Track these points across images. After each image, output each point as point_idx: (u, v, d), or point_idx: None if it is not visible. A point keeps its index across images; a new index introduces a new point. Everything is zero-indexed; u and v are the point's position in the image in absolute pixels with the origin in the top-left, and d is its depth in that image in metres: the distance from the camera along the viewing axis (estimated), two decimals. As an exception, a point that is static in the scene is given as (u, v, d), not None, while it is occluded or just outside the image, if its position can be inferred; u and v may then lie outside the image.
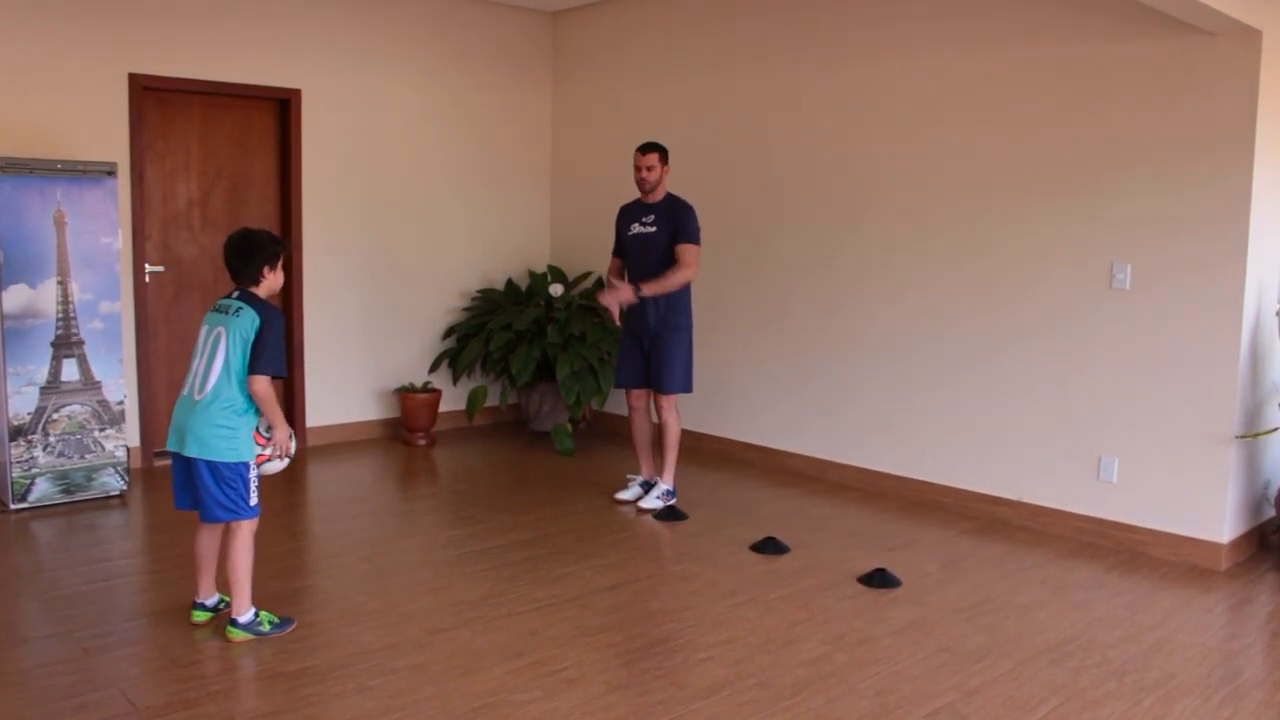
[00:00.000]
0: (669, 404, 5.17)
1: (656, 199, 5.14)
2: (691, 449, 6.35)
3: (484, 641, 3.54)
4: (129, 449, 5.40)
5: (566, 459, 6.31)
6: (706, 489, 5.62)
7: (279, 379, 3.51)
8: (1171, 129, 4.50)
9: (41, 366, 4.95)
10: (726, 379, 6.37)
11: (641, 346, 5.20)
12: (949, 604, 3.99)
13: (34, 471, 4.95)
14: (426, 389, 6.68)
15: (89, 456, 5.09)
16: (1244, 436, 4.50)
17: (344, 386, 6.66)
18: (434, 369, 7.01)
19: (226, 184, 6.17)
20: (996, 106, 5.07)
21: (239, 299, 3.47)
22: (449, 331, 7.04)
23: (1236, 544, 4.56)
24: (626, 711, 3.06)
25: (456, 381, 7.03)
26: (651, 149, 5.10)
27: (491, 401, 7.24)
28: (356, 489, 5.63)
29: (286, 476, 5.55)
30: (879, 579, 4.20)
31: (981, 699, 3.20)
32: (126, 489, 5.21)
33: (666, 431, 5.20)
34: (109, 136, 5.60)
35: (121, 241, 5.51)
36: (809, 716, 3.06)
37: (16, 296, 4.86)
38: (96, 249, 5.05)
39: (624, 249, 5.24)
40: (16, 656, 3.34)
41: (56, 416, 5.00)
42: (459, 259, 7.13)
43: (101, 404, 5.11)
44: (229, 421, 3.38)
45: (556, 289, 6.81)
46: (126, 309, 5.69)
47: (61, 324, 4.99)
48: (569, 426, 6.52)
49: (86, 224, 5.01)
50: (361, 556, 4.41)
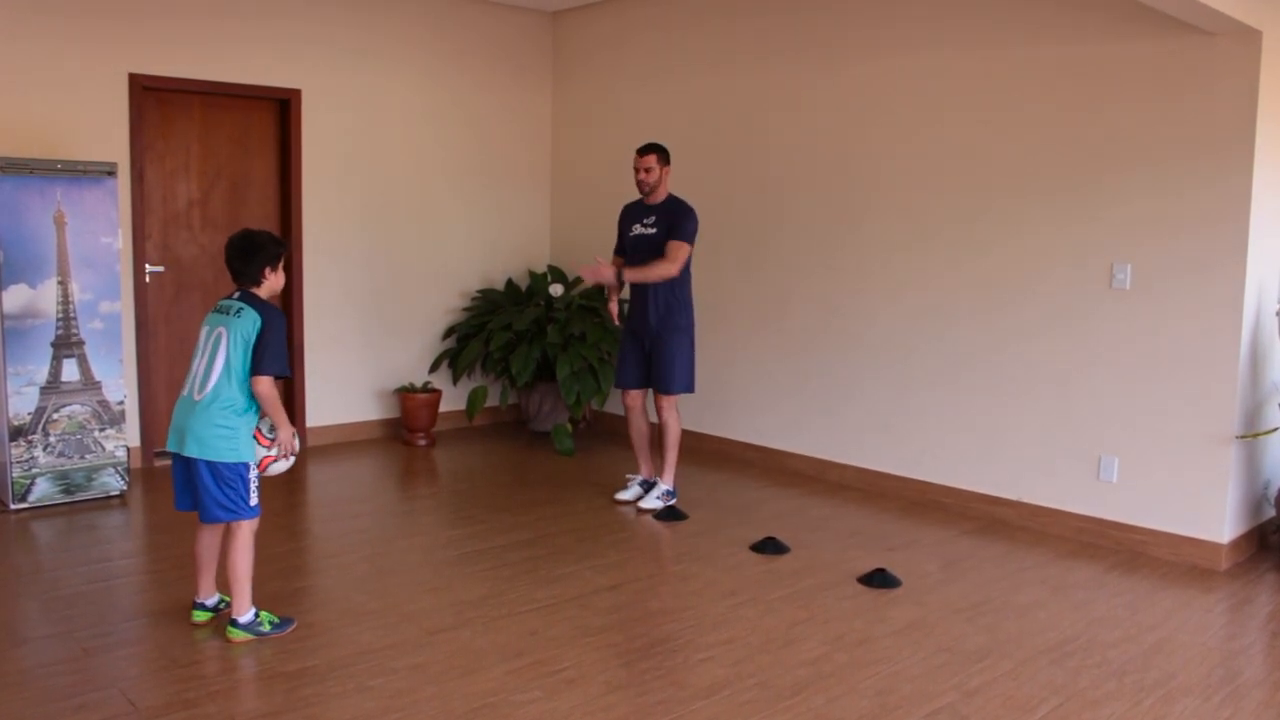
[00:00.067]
0: (669, 404, 5.16)
1: (658, 200, 5.13)
2: (691, 449, 6.35)
3: (484, 641, 3.54)
4: (129, 449, 5.40)
5: (566, 459, 6.31)
6: (706, 489, 5.62)
7: (282, 379, 3.51)
8: (1171, 129, 4.50)
9: (42, 366, 4.95)
10: (726, 379, 6.37)
11: (642, 346, 5.20)
12: (949, 604, 3.99)
13: (34, 471, 4.95)
14: (426, 389, 6.68)
15: (89, 456, 5.09)
16: (1244, 436, 4.50)
17: (344, 386, 6.67)
18: (434, 369, 7.01)
19: (226, 184, 6.17)
20: (996, 106, 5.07)
21: (240, 299, 3.47)
22: (449, 331, 7.05)
23: (1236, 544, 4.56)
24: (626, 711, 3.06)
25: (456, 381, 7.03)
26: (650, 150, 5.09)
27: (491, 401, 7.24)
28: (356, 489, 5.63)
29: (287, 476, 5.54)
30: (879, 579, 4.20)
31: (981, 699, 3.20)
32: (126, 489, 5.22)
33: (666, 432, 5.20)
34: (109, 136, 5.60)
35: (121, 241, 5.51)
36: (809, 716, 3.06)
37: (16, 296, 4.86)
38: (96, 249, 5.06)
39: (625, 249, 5.25)
40: (16, 656, 3.34)
41: (56, 416, 5.00)
42: (459, 259, 7.13)
43: (101, 404, 5.11)
44: (229, 421, 3.38)
45: (556, 289, 6.81)
46: (126, 309, 5.69)
47: (61, 324, 4.99)
48: (569, 426, 6.52)
49: (86, 224, 5.02)
50: (361, 556, 4.41)
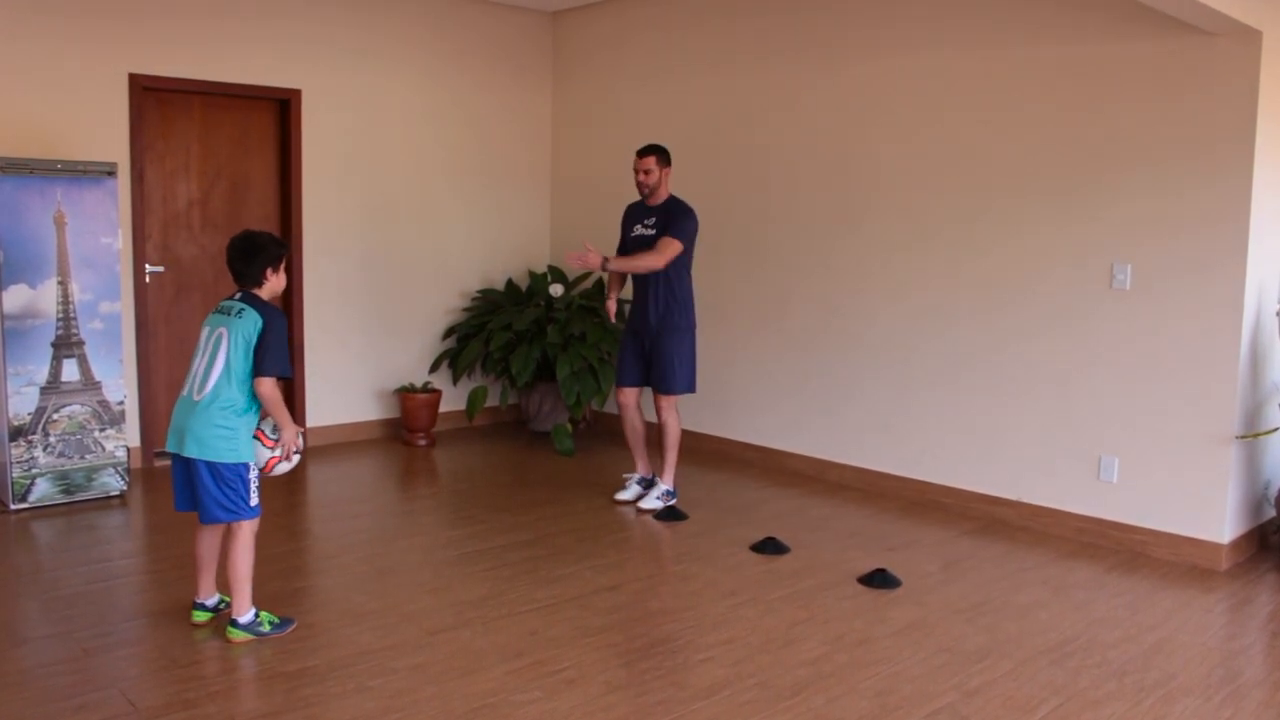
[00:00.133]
0: (669, 404, 5.16)
1: (659, 201, 5.13)
2: (691, 449, 6.35)
3: (484, 642, 3.54)
4: (129, 449, 5.40)
5: (566, 459, 6.31)
6: (706, 489, 5.62)
7: (284, 379, 3.51)
8: (1171, 129, 4.50)
9: (42, 367, 4.95)
10: (726, 379, 6.37)
11: (642, 345, 5.20)
12: (949, 604, 3.99)
13: (34, 472, 4.95)
14: (426, 389, 6.68)
15: (89, 457, 5.09)
16: (1244, 436, 4.50)
17: (344, 387, 6.67)
18: (434, 369, 7.01)
19: (226, 184, 6.17)
20: (996, 106, 5.07)
21: (241, 300, 3.47)
22: (449, 332, 7.05)
23: (1237, 544, 4.56)
24: (626, 711, 3.06)
25: (456, 382, 7.03)
26: (650, 152, 5.08)
27: (491, 402, 7.24)
28: (356, 489, 5.63)
29: (287, 476, 5.54)
30: (879, 579, 4.20)
31: (981, 699, 3.20)
32: (126, 489, 5.22)
33: (666, 432, 5.19)
34: (109, 136, 5.60)
35: (121, 241, 5.51)
36: (809, 716, 3.06)
37: (16, 297, 4.86)
38: (96, 249, 5.06)
39: (627, 249, 5.24)
40: (16, 656, 3.34)
41: (57, 417, 5.00)
42: (459, 259, 7.13)
43: (101, 404, 5.11)
44: (228, 422, 3.38)
45: (556, 289, 6.81)
46: (126, 309, 5.69)
47: (61, 324, 4.99)
48: (569, 427, 6.52)
49: (86, 224, 5.02)
50: (361, 557, 4.41)
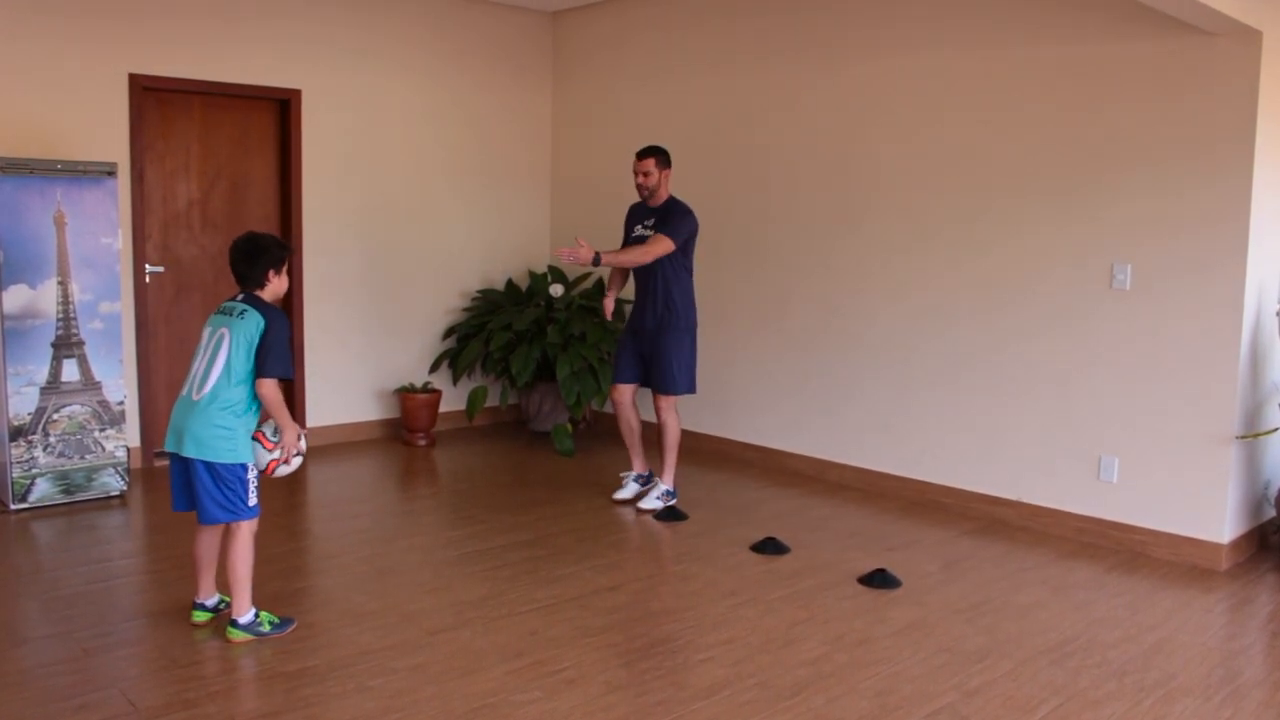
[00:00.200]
0: (668, 404, 5.16)
1: (659, 203, 5.13)
2: (691, 449, 6.35)
3: (484, 642, 3.54)
4: (129, 449, 5.40)
5: (566, 459, 6.31)
6: (706, 489, 5.62)
7: (285, 381, 3.52)
8: (1171, 129, 4.50)
9: (42, 367, 4.95)
10: (726, 379, 6.37)
11: (641, 345, 5.20)
12: (949, 604, 3.99)
13: (34, 472, 4.95)
14: (426, 389, 6.68)
15: (89, 457, 5.09)
16: (1244, 437, 4.50)
17: (344, 387, 6.67)
18: (434, 369, 7.01)
19: (226, 184, 6.17)
20: (996, 106, 5.07)
21: (243, 301, 3.48)
22: (449, 332, 7.05)
23: (1237, 544, 4.56)
24: (626, 711, 3.06)
25: (456, 382, 7.03)
26: (649, 154, 5.07)
27: (491, 402, 7.24)
28: (356, 489, 5.63)
29: (287, 476, 5.52)
30: (879, 579, 4.20)
31: (981, 699, 3.20)
32: (126, 489, 5.22)
33: (666, 432, 5.19)
34: (109, 136, 5.60)
35: (121, 242, 5.51)
36: (809, 716, 3.06)
37: (16, 297, 4.86)
38: (96, 249, 5.06)
39: (627, 249, 5.26)
40: (16, 656, 3.34)
41: (57, 417, 5.00)
42: (459, 259, 7.13)
43: (102, 404, 5.11)
44: (227, 422, 3.38)
45: (557, 289, 6.81)
46: (126, 309, 5.69)
47: (61, 324, 4.99)
48: (569, 427, 6.52)
49: (86, 224, 5.02)
50: (362, 557, 4.41)
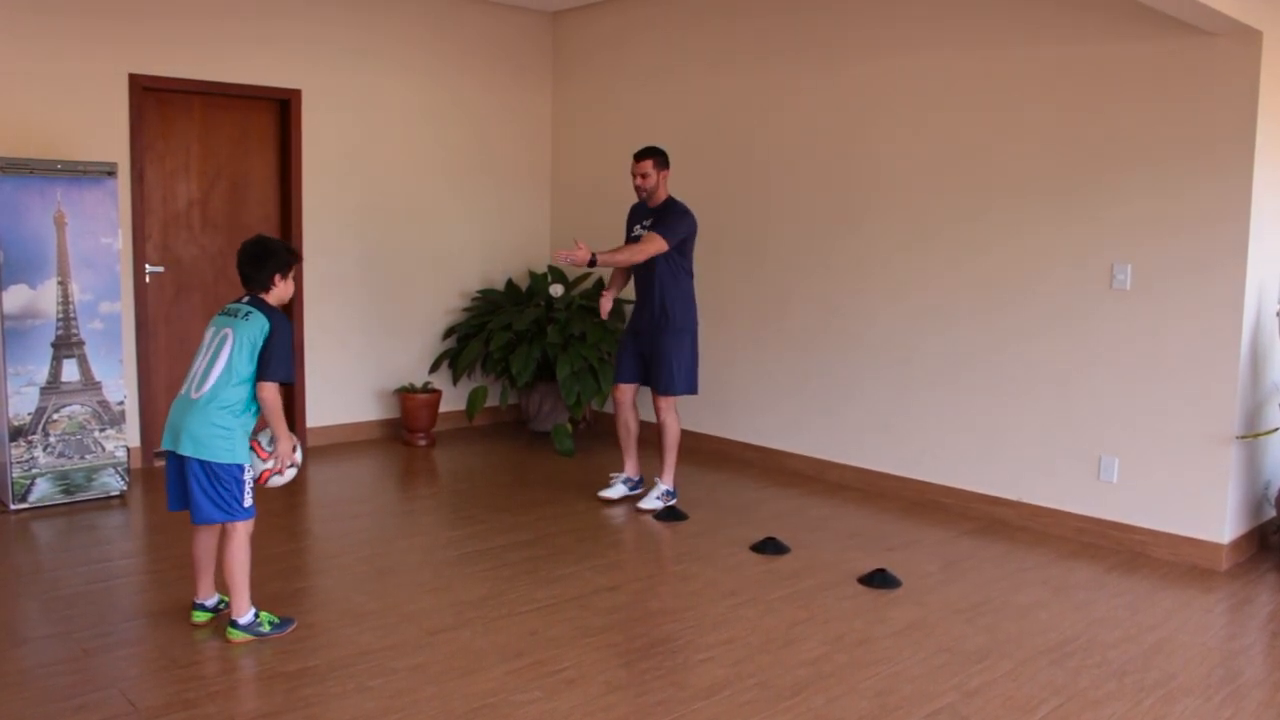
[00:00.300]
0: (668, 405, 5.16)
1: (658, 203, 5.13)
2: (691, 449, 6.35)
3: (484, 642, 3.54)
4: (129, 449, 5.40)
5: (566, 459, 6.31)
6: (706, 489, 5.62)
7: (286, 385, 3.52)
8: (1171, 129, 4.50)
9: (42, 367, 4.95)
10: (726, 379, 6.37)
11: (642, 345, 5.20)
12: (949, 604, 3.99)
13: (34, 472, 4.95)
14: (427, 389, 6.68)
15: (89, 457, 5.09)
16: (1244, 437, 4.49)
17: (344, 387, 6.67)
18: (434, 369, 7.01)
19: (226, 184, 6.17)
20: (996, 106, 5.06)
21: (249, 304, 3.49)
22: (449, 332, 7.05)
23: (1237, 544, 4.56)
24: (626, 711, 3.06)
25: (457, 382, 7.03)
26: (646, 155, 5.06)
27: (491, 402, 7.24)
28: (356, 489, 5.63)
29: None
30: (879, 579, 4.20)
31: (981, 699, 3.20)
32: (126, 489, 5.22)
33: (666, 432, 5.19)
34: (109, 136, 5.60)
35: (121, 242, 5.51)
36: (809, 716, 3.06)
37: (16, 297, 4.86)
38: (96, 249, 5.06)
39: (627, 248, 5.26)
40: (16, 656, 3.34)
41: (57, 417, 5.00)
42: (459, 259, 7.13)
43: (101, 404, 5.11)
44: (225, 422, 3.38)
45: (557, 289, 6.81)
46: (126, 309, 5.69)
47: (61, 324, 4.99)
48: (569, 427, 6.52)
49: (86, 224, 5.01)
50: (361, 557, 4.41)
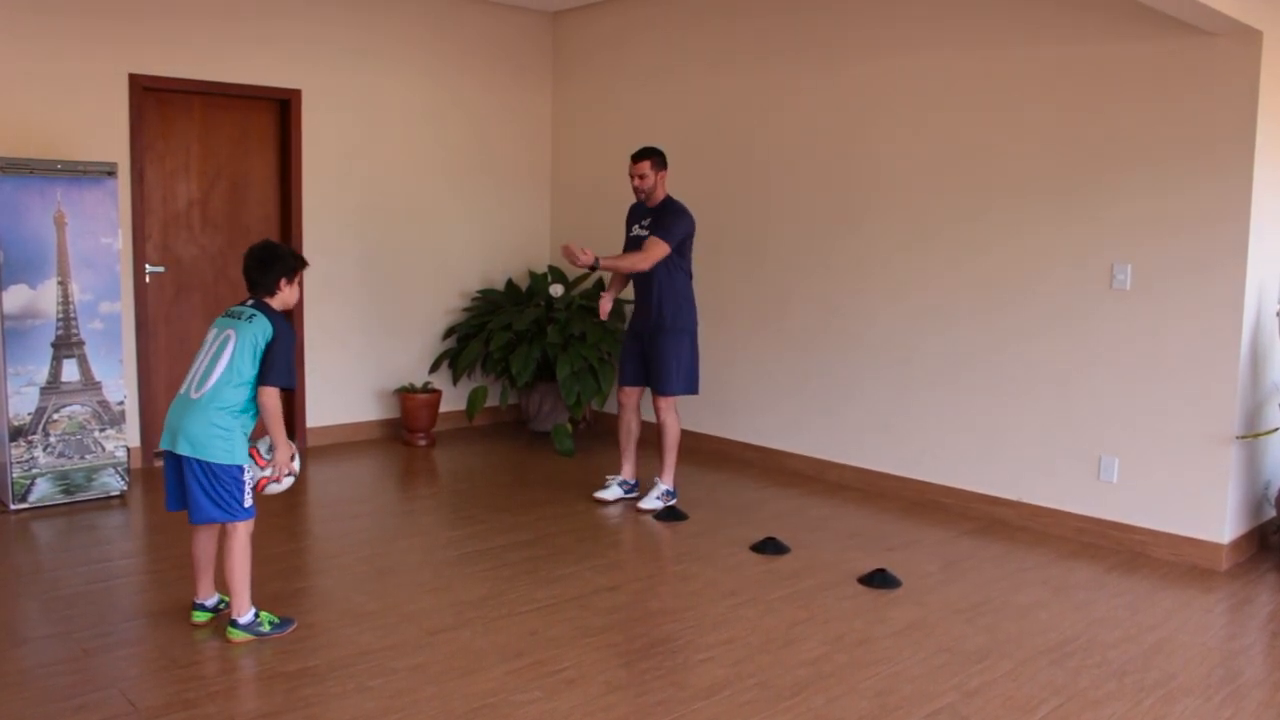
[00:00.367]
0: (667, 405, 5.15)
1: (656, 203, 5.13)
2: (691, 449, 6.35)
3: (484, 642, 3.54)
4: (129, 449, 5.40)
5: (566, 459, 6.31)
6: (706, 489, 5.62)
7: (286, 391, 3.52)
8: (1171, 129, 4.50)
9: (42, 367, 4.95)
10: (726, 379, 6.37)
11: (642, 346, 5.20)
12: (949, 604, 3.99)
13: (34, 472, 4.95)
14: (427, 389, 6.68)
15: (89, 457, 5.09)
16: (1244, 437, 4.49)
17: (344, 387, 6.67)
18: (434, 369, 7.01)
19: (226, 184, 6.17)
20: (996, 106, 5.06)
21: (253, 307, 3.50)
22: (449, 332, 7.05)
23: (1237, 544, 4.56)
24: (626, 711, 3.06)
25: (457, 382, 7.03)
26: (643, 157, 5.05)
27: (491, 402, 7.24)
28: (356, 489, 5.63)
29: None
30: (879, 579, 4.20)
31: (981, 699, 3.20)
32: (126, 489, 5.22)
33: (665, 432, 5.18)
34: (109, 136, 5.60)
35: (121, 242, 5.51)
36: (809, 716, 3.06)
37: (16, 297, 4.86)
38: (96, 249, 5.06)
39: (626, 249, 5.24)
40: (16, 656, 3.34)
41: (57, 417, 5.00)
42: (459, 259, 7.13)
43: (102, 404, 5.11)
44: (225, 422, 3.38)
45: (557, 289, 6.81)
46: (126, 309, 5.69)
47: (62, 324, 4.99)
48: (569, 427, 6.52)
49: (86, 224, 5.01)
50: (361, 557, 4.41)
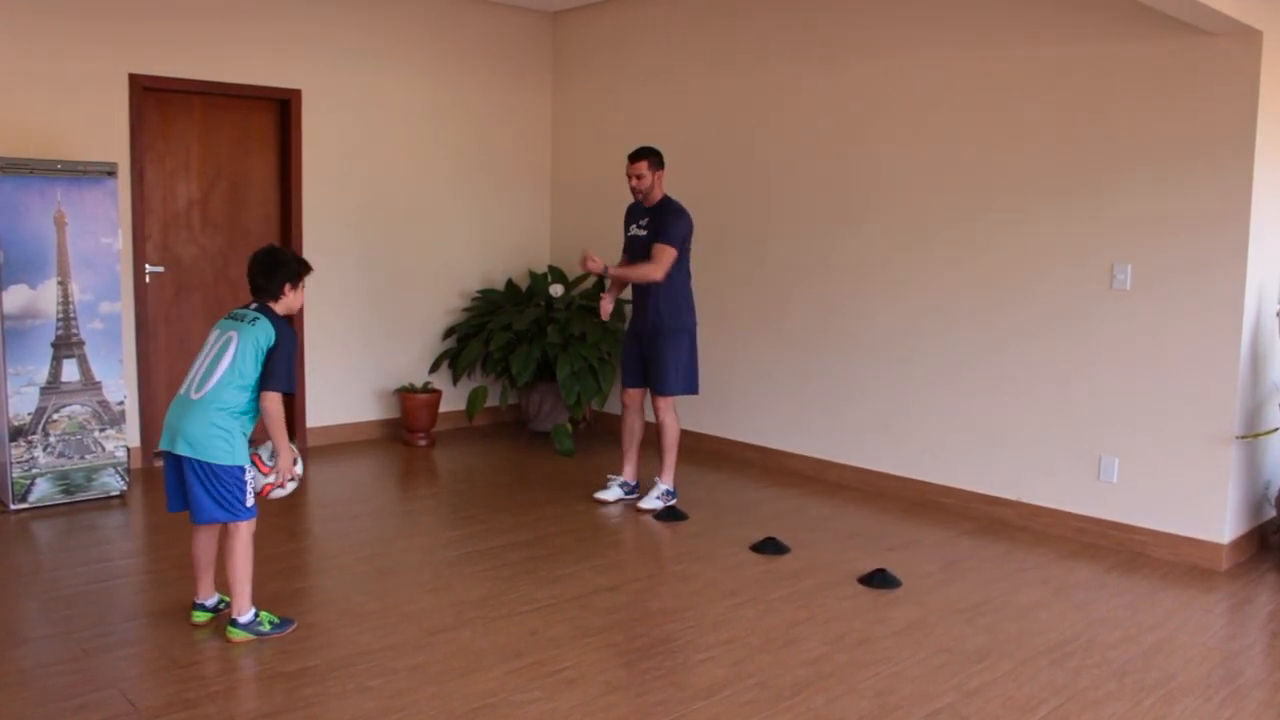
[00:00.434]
0: (666, 405, 5.15)
1: (653, 203, 5.12)
2: (691, 449, 6.35)
3: (484, 642, 3.54)
4: (129, 449, 5.40)
5: (566, 459, 6.31)
6: (706, 489, 5.62)
7: (286, 395, 3.53)
8: (1171, 129, 4.50)
9: (42, 367, 4.95)
10: (726, 379, 6.37)
11: (641, 347, 5.20)
12: (949, 604, 3.99)
13: (34, 472, 4.95)
14: (427, 389, 6.68)
15: (89, 457, 5.09)
16: (1244, 437, 4.49)
17: (344, 387, 6.67)
18: (434, 369, 7.01)
19: (226, 184, 6.17)
20: (996, 106, 5.06)
21: (256, 310, 3.51)
22: (449, 332, 7.05)
23: (1237, 544, 4.56)
24: (626, 711, 3.06)
25: (457, 382, 7.03)
26: (640, 157, 5.04)
27: (491, 402, 7.24)
28: (357, 489, 5.63)
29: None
30: (879, 579, 4.20)
31: (981, 699, 3.20)
32: (126, 489, 5.22)
33: (665, 432, 5.18)
34: (109, 136, 5.60)
35: (121, 242, 5.51)
36: (809, 716, 3.06)
37: (17, 297, 4.86)
38: (96, 249, 5.06)
39: (626, 248, 5.25)
40: (16, 656, 3.34)
41: (57, 417, 5.00)
42: (459, 259, 7.13)
43: (102, 404, 5.11)
44: (225, 423, 3.38)
45: (557, 289, 6.81)
46: (126, 309, 5.69)
47: (62, 324, 4.99)
48: (569, 427, 6.52)
49: (86, 224, 5.01)
50: (362, 557, 4.41)
